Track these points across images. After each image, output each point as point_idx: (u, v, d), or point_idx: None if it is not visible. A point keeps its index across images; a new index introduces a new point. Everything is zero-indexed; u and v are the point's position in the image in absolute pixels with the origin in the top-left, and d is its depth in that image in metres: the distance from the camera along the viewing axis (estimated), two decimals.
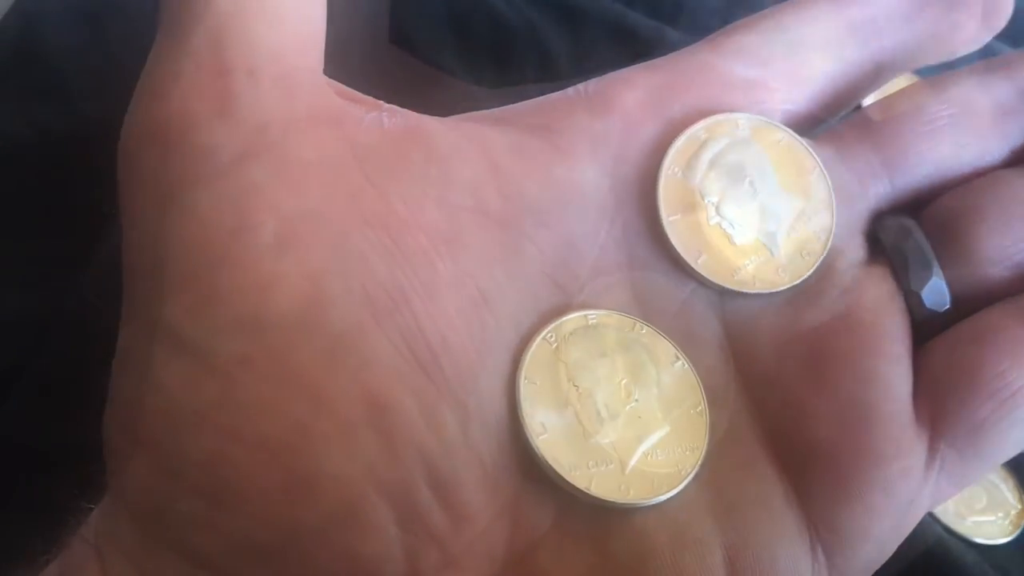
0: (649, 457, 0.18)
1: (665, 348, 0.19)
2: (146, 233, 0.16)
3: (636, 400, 0.18)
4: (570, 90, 0.20)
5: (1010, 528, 0.33)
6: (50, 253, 0.35)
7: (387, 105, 0.19)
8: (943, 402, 0.18)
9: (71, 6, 0.41)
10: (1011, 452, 0.19)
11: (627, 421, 0.18)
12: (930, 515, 0.33)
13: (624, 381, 0.18)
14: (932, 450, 0.18)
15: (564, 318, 0.18)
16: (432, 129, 0.19)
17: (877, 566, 0.18)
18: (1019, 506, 0.34)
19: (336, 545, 0.16)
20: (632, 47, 0.43)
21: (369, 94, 0.20)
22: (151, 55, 0.17)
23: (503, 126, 0.19)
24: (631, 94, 0.20)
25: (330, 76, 0.19)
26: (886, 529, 0.18)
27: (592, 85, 0.20)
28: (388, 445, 0.16)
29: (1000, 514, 0.33)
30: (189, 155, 0.16)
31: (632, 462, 0.18)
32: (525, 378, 0.17)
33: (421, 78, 0.31)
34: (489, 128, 0.19)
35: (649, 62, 0.21)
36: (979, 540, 0.32)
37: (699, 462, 0.18)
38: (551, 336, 0.18)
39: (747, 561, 0.17)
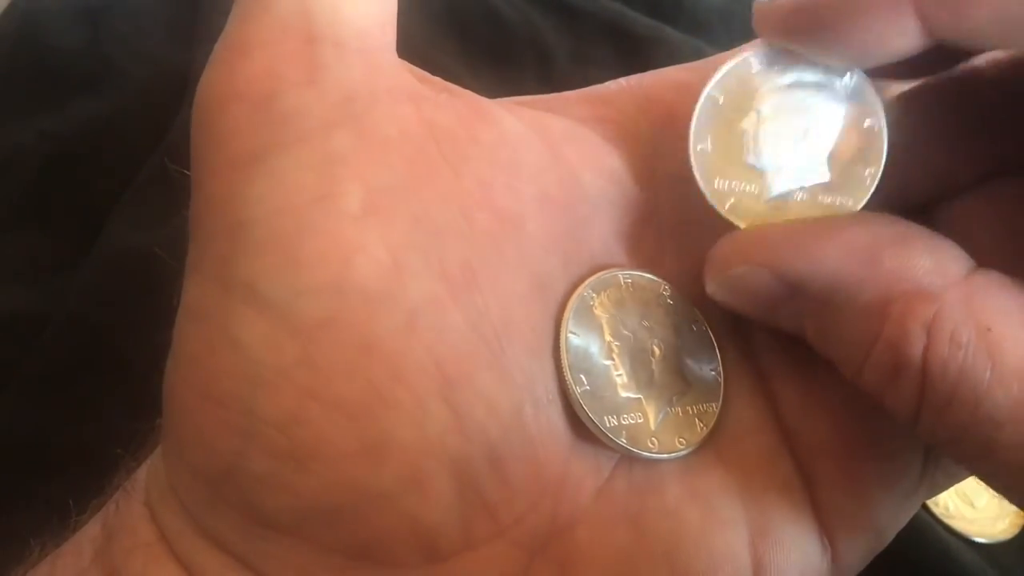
0: (674, 413, 0.19)
1: (688, 310, 0.20)
2: (225, 191, 0.16)
3: (664, 358, 0.19)
4: (614, 84, 0.21)
5: (1010, 528, 0.33)
6: (48, 251, 0.35)
7: (453, 86, 0.19)
8: None
9: (70, 6, 0.41)
10: None
11: (656, 377, 0.19)
12: (930, 515, 0.33)
13: (653, 340, 0.19)
14: (931, 449, 0.19)
15: (601, 274, 0.19)
16: (498, 113, 0.19)
17: (876, 552, 0.19)
18: None
19: (400, 510, 0.16)
20: (631, 46, 0.43)
21: None
22: (232, 14, 0.17)
23: (557, 115, 0.20)
24: (675, 92, 0.20)
25: None
26: (886, 519, 0.19)
27: (636, 80, 0.21)
28: (455, 419, 0.16)
29: (1000, 514, 0.33)
30: (276, 118, 0.16)
31: (659, 417, 0.18)
32: (568, 335, 0.18)
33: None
34: (546, 116, 0.20)
35: (690, 64, 0.22)
36: (979, 540, 0.33)
37: (714, 420, 0.19)
38: (589, 294, 0.19)
39: (769, 544, 0.18)
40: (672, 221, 0.20)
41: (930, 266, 0.16)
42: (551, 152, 0.19)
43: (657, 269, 0.20)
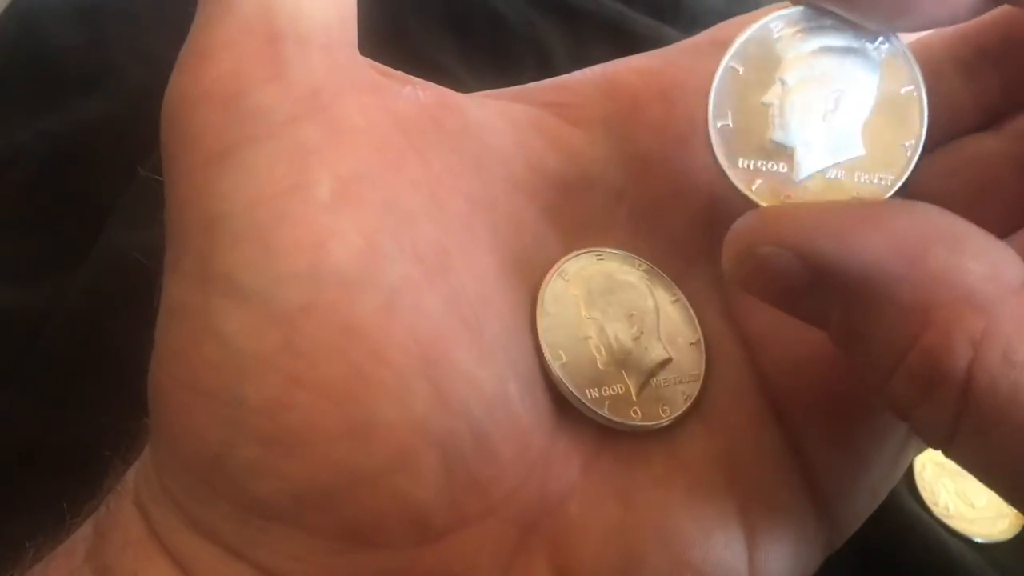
0: (655, 384, 0.19)
1: (664, 284, 0.20)
2: (198, 189, 0.16)
3: (642, 331, 0.19)
4: (578, 73, 0.21)
5: (1010, 528, 0.33)
6: (48, 251, 0.35)
7: (417, 80, 0.19)
8: None
9: (70, 6, 0.41)
10: None
11: (635, 350, 0.19)
12: (930, 515, 0.33)
13: (631, 314, 0.19)
14: None
15: (575, 253, 0.19)
16: (463, 103, 0.19)
17: (868, 513, 0.19)
18: None
19: (390, 490, 0.16)
20: (631, 46, 0.43)
21: None
22: (196, 18, 0.18)
23: (523, 103, 0.20)
24: (638, 77, 0.21)
25: None
26: (877, 477, 0.19)
27: (600, 68, 0.21)
28: (439, 397, 0.16)
29: (1000, 514, 0.33)
30: (244, 115, 0.16)
31: (641, 388, 0.19)
32: (545, 312, 0.18)
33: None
34: (511, 104, 0.20)
35: (652, 51, 0.22)
36: (979, 540, 0.32)
37: (698, 390, 0.19)
38: (564, 272, 0.19)
39: (759, 508, 0.18)
40: (642, 201, 0.20)
41: (984, 272, 0.14)
42: (517, 138, 0.19)
43: (630, 247, 0.20)
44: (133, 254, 0.24)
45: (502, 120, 0.19)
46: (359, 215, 0.16)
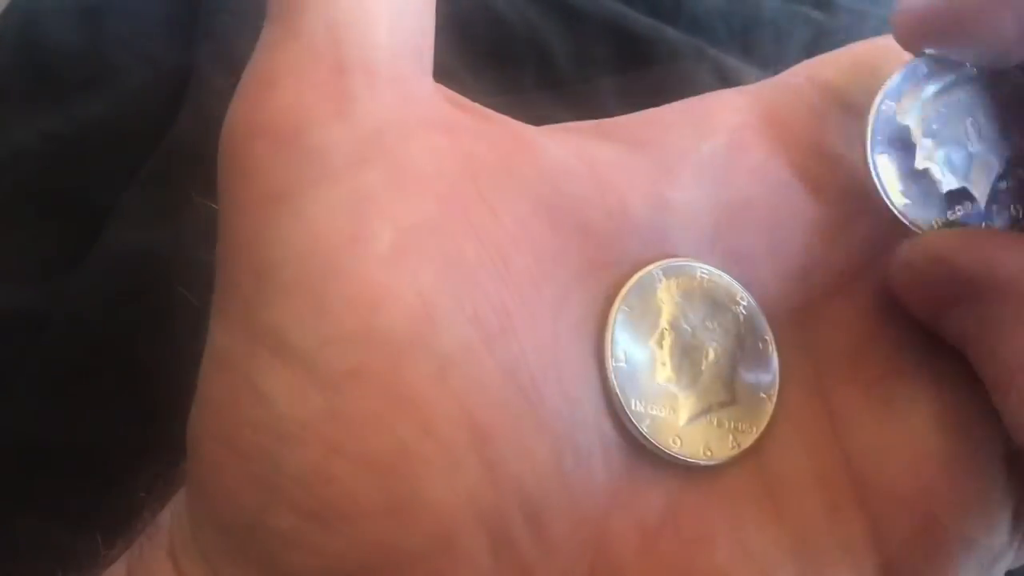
0: (708, 420, 0.18)
1: (758, 325, 0.19)
2: (251, 231, 0.16)
3: (716, 362, 0.18)
4: (670, 107, 0.20)
5: None
6: (48, 251, 0.35)
7: (493, 113, 0.18)
8: None
9: (70, 6, 0.41)
10: None
11: (701, 379, 0.18)
12: None
13: (711, 342, 0.18)
14: (1021, 509, 0.17)
15: (675, 260, 0.18)
16: (539, 142, 0.18)
17: None
18: None
19: (430, 571, 0.15)
20: (631, 46, 0.43)
21: None
22: (260, 41, 0.17)
23: (607, 140, 0.19)
24: (737, 116, 0.20)
25: None
26: None
27: (691, 103, 0.20)
28: (489, 474, 0.15)
29: None
30: (304, 155, 0.16)
31: (691, 418, 0.18)
32: (624, 304, 0.18)
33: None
34: (594, 142, 0.19)
35: (746, 87, 0.21)
36: None
37: (751, 442, 0.18)
38: (658, 274, 0.18)
39: None
40: (735, 253, 0.19)
41: None
42: (597, 182, 0.18)
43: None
44: (150, 249, 0.24)
45: (581, 161, 0.18)
46: (417, 272, 0.15)
